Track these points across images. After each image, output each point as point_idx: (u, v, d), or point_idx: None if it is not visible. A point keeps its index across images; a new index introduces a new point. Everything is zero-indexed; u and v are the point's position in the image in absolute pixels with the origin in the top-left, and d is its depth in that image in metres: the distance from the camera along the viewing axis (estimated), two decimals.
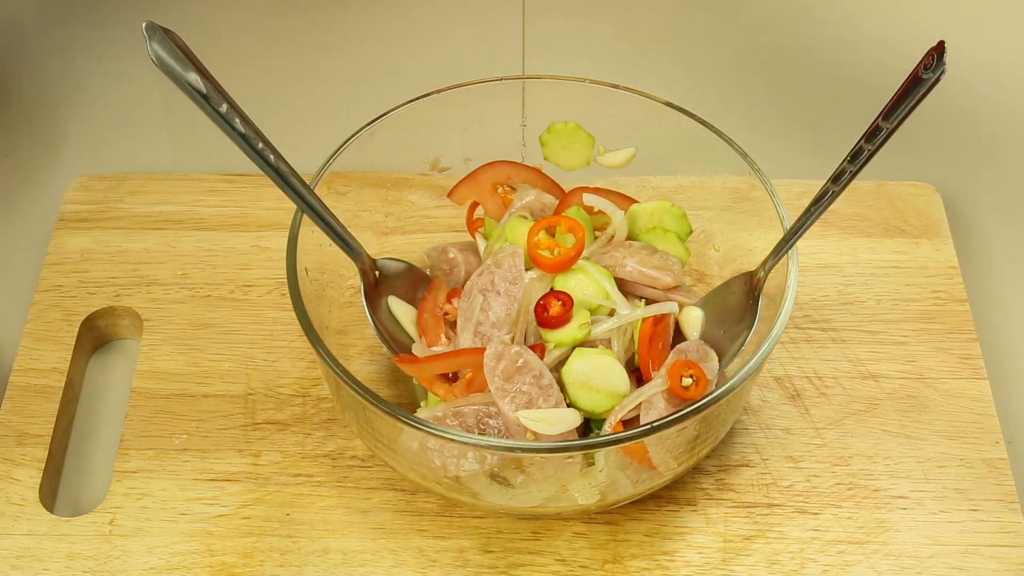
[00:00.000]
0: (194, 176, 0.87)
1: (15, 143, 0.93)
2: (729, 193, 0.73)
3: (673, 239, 0.74)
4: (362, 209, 0.74)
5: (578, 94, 0.74)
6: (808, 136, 0.92)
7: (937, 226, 0.84)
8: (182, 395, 0.76)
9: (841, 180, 0.64)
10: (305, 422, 0.75)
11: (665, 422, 0.60)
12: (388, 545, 0.70)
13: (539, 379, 0.65)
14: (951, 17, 0.99)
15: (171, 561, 0.69)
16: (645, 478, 0.66)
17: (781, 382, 0.76)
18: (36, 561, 0.69)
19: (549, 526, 0.70)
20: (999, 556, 0.69)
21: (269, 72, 0.98)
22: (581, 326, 0.68)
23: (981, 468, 0.72)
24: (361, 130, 0.72)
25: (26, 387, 0.76)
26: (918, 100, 0.62)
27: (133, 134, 0.93)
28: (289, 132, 0.93)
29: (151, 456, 0.73)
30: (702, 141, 0.72)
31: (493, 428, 0.66)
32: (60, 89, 0.96)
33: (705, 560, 0.69)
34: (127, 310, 0.80)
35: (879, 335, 0.78)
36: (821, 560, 0.69)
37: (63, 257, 0.82)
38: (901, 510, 0.71)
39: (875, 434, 0.74)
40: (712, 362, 0.69)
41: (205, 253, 0.82)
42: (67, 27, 1.01)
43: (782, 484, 0.72)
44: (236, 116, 0.59)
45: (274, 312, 0.80)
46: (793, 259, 0.67)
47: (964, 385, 0.76)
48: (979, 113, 0.94)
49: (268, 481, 0.72)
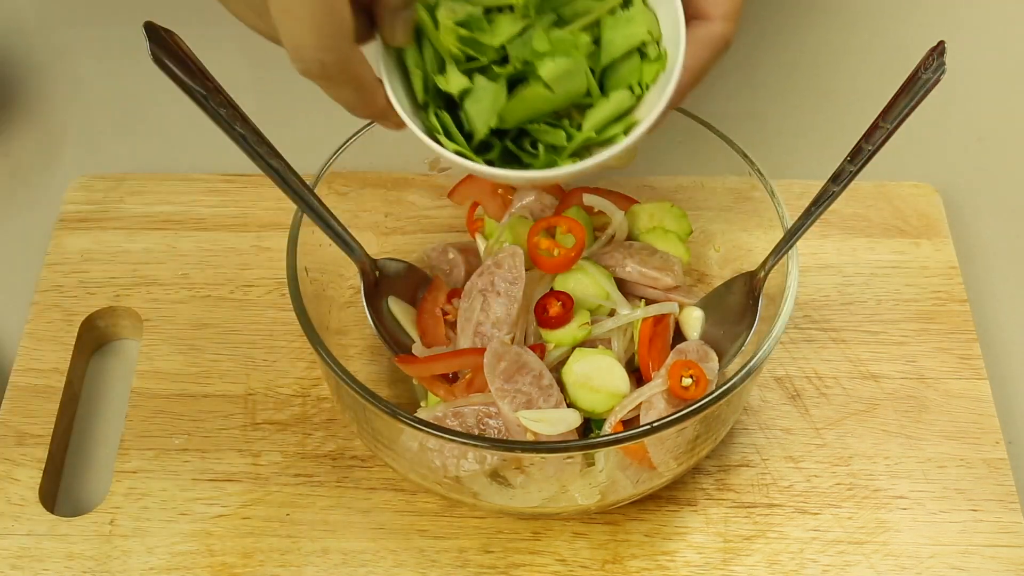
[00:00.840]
0: (194, 176, 0.87)
1: (15, 143, 0.93)
2: (729, 193, 0.73)
3: (673, 239, 0.74)
4: (362, 209, 0.74)
5: None
6: (808, 136, 0.92)
7: (937, 226, 0.84)
8: (182, 395, 0.76)
9: (841, 180, 0.64)
10: (305, 422, 0.74)
11: (665, 422, 0.60)
12: (388, 545, 0.70)
13: (539, 379, 0.65)
14: (951, 17, 0.99)
15: (171, 561, 0.69)
16: (645, 478, 0.66)
17: (781, 382, 0.76)
18: (36, 561, 0.69)
19: (549, 526, 0.70)
20: (999, 556, 0.69)
21: (269, 72, 0.98)
22: (581, 326, 0.68)
23: (981, 468, 0.72)
24: (361, 130, 0.72)
25: (26, 387, 0.76)
26: (918, 100, 0.62)
27: (133, 134, 0.93)
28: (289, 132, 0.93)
29: (151, 456, 0.73)
30: (702, 141, 0.72)
31: (493, 428, 0.66)
32: (60, 89, 0.96)
33: (705, 560, 0.69)
34: (127, 310, 0.80)
35: (879, 335, 0.78)
36: (821, 560, 0.69)
37: (63, 257, 0.82)
38: (901, 510, 0.71)
39: (875, 434, 0.74)
40: (712, 362, 0.69)
41: (205, 253, 0.82)
42: (67, 27, 1.01)
43: (782, 484, 0.72)
44: (236, 116, 0.59)
45: (274, 312, 0.79)
46: (793, 259, 0.67)
47: (964, 385, 0.76)
48: (979, 113, 0.94)
49: (268, 481, 0.72)
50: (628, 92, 0.60)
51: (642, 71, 0.60)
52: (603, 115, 0.60)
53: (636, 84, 0.60)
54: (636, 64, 0.60)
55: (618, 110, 0.60)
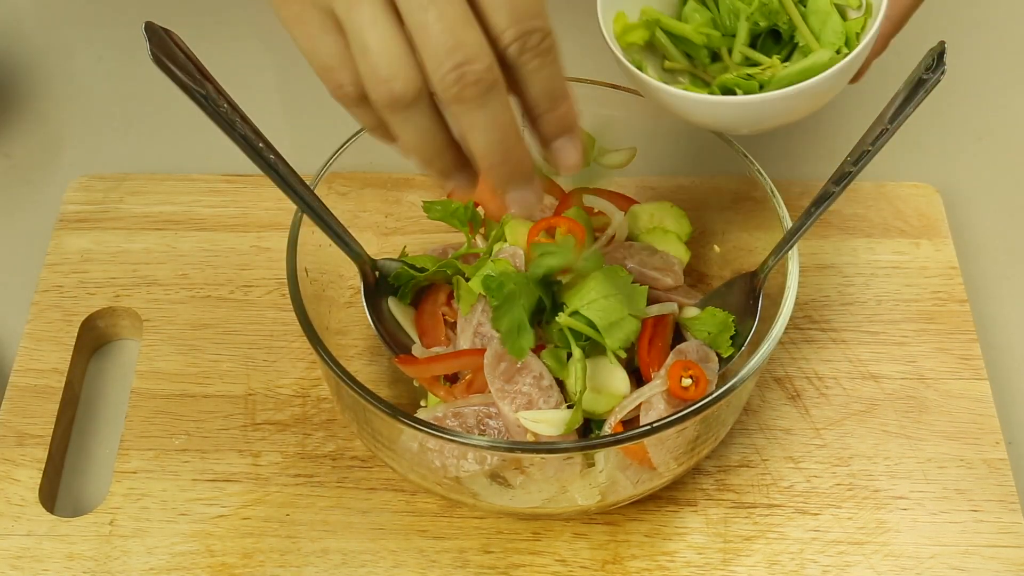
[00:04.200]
0: (194, 176, 0.87)
1: (15, 143, 0.93)
2: (729, 193, 0.73)
3: (673, 239, 0.74)
4: (362, 209, 0.74)
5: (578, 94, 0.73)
6: (808, 136, 0.92)
7: (937, 226, 0.83)
8: (182, 395, 0.76)
9: (841, 180, 0.64)
10: (305, 422, 0.74)
11: (665, 423, 0.60)
12: (388, 545, 0.70)
13: (539, 380, 0.65)
14: (951, 17, 0.99)
15: (171, 561, 0.69)
16: (645, 479, 0.66)
17: (781, 382, 0.76)
18: (36, 561, 0.69)
19: (549, 527, 0.70)
20: (999, 557, 0.69)
21: (269, 72, 0.98)
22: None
23: (981, 469, 0.72)
24: (361, 130, 0.72)
25: (26, 387, 0.76)
26: (918, 100, 0.62)
27: (133, 134, 0.93)
28: (289, 132, 0.93)
29: (151, 456, 0.73)
30: (702, 141, 0.72)
31: (493, 429, 0.66)
32: (60, 89, 0.96)
33: (705, 560, 0.69)
34: (127, 310, 0.80)
35: (879, 335, 0.78)
36: (821, 560, 0.69)
37: (63, 257, 0.82)
38: (901, 511, 0.71)
39: (875, 434, 0.74)
40: (712, 363, 0.69)
41: (205, 253, 0.82)
42: (67, 27, 1.01)
43: (782, 485, 0.72)
44: (236, 116, 0.59)
45: (274, 312, 0.79)
46: (793, 259, 0.67)
47: (964, 385, 0.76)
48: (979, 113, 0.94)
49: (268, 481, 0.72)
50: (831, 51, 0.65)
51: (846, 28, 0.66)
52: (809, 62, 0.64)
53: (843, 45, 0.66)
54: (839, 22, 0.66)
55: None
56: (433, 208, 0.74)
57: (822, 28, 0.66)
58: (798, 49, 0.68)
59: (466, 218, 0.74)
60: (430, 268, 0.71)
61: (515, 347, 0.63)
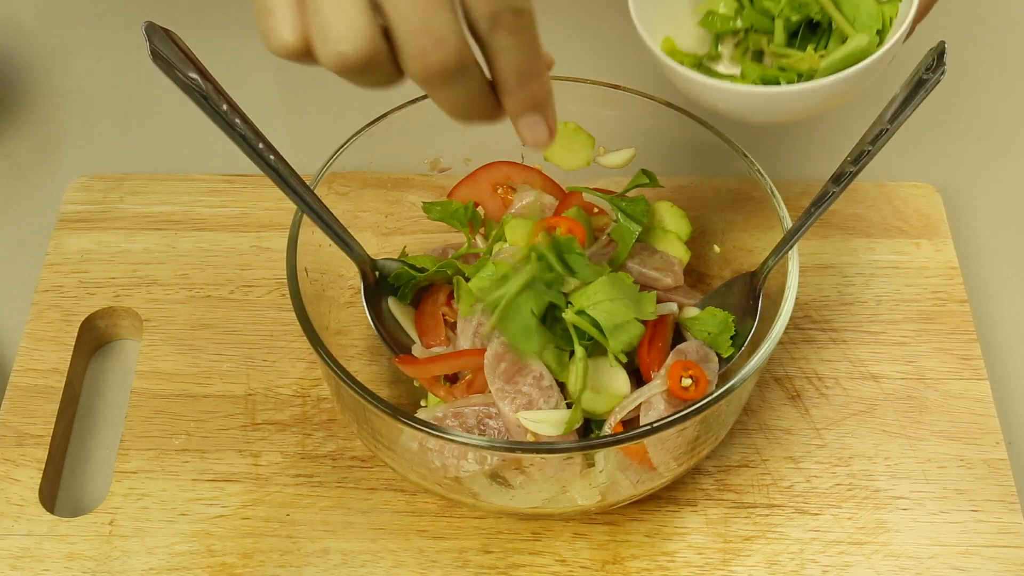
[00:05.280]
0: (194, 176, 0.87)
1: (15, 143, 0.93)
2: (729, 193, 0.73)
3: (673, 239, 0.74)
4: (362, 209, 0.74)
5: (578, 94, 0.74)
6: (808, 136, 0.92)
7: (937, 226, 0.83)
8: (182, 395, 0.76)
9: (841, 180, 0.64)
10: (305, 422, 0.74)
11: (665, 423, 0.60)
12: (388, 545, 0.70)
13: (539, 380, 0.65)
14: (951, 17, 0.99)
15: (171, 561, 0.69)
16: (645, 479, 0.66)
17: (781, 382, 0.76)
18: (36, 561, 0.69)
19: (549, 527, 0.70)
20: (999, 557, 0.69)
21: (269, 72, 0.98)
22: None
23: (981, 469, 0.72)
24: (361, 130, 0.72)
25: (26, 387, 0.76)
26: (918, 100, 0.62)
27: (133, 134, 0.93)
28: (289, 132, 0.93)
29: (151, 456, 0.73)
30: (702, 141, 0.72)
31: (493, 429, 0.66)
32: (60, 89, 0.96)
33: (705, 561, 0.69)
34: (127, 310, 0.80)
35: (879, 335, 0.78)
36: (821, 561, 0.69)
37: (63, 257, 0.82)
38: (901, 511, 0.71)
39: (875, 435, 0.74)
40: (712, 363, 0.69)
41: (205, 253, 0.82)
42: (67, 27, 1.01)
43: (782, 485, 0.72)
44: (236, 116, 0.59)
45: (274, 312, 0.79)
46: (793, 259, 0.67)
47: (964, 386, 0.76)
48: (979, 113, 0.94)
49: (268, 481, 0.72)
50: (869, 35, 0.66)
51: (883, 12, 0.67)
52: (847, 49, 0.64)
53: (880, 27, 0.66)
54: (874, 5, 0.67)
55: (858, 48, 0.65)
56: (433, 209, 0.75)
57: (856, 14, 0.66)
58: (832, 38, 0.68)
59: (466, 218, 0.74)
60: (430, 268, 0.72)
61: (524, 347, 0.63)
